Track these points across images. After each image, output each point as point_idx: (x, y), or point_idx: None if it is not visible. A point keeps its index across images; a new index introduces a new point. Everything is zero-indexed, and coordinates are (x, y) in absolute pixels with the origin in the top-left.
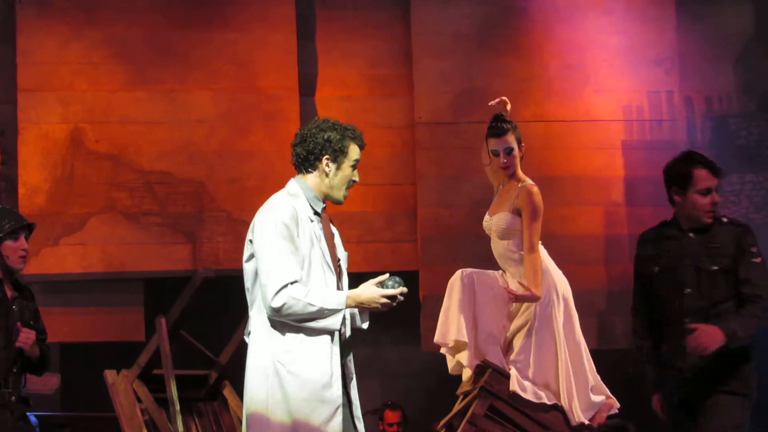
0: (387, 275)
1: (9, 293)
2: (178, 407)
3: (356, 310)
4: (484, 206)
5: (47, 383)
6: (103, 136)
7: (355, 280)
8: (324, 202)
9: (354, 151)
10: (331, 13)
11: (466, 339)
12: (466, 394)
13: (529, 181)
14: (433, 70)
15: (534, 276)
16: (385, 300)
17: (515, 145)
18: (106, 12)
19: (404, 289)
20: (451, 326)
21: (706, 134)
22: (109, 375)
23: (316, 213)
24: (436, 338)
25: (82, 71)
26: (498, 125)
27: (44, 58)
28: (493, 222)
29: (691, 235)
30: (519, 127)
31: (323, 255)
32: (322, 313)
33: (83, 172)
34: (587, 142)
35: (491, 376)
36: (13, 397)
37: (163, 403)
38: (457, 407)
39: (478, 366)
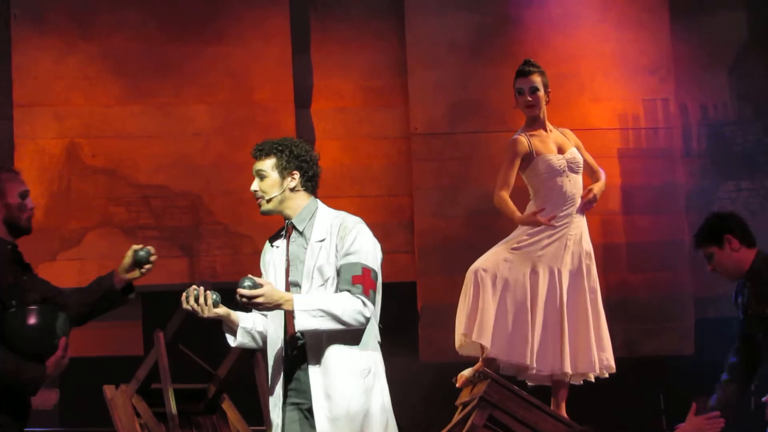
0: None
1: None
2: (177, 421)
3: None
4: (482, 216)
5: (46, 399)
6: (99, 150)
7: None
8: (288, 220)
9: None
10: (326, 24)
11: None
12: (465, 405)
13: None
14: (428, 80)
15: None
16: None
17: (540, 87)
18: (101, 26)
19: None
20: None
21: (702, 142)
22: (108, 390)
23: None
24: (475, 338)
25: (78, 86)
26: (524, 67)
27: (39, 73)
28: (574, 156)
29: None
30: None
31: (275, 280)
32: None
33: (80, 187)
34: None
35: (490, 386)
36: None
37: (162, 417)
38: (456, 418)
39: (477, 375)
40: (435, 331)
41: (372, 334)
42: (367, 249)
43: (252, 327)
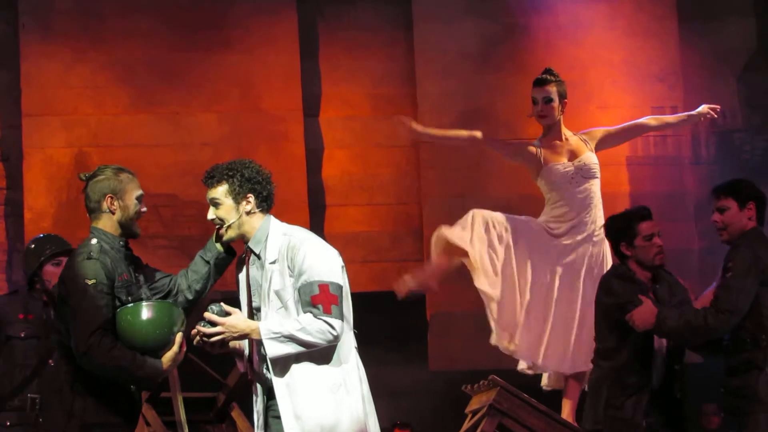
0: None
1: (53, 315)
2: (186, 430)
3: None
4: None
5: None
6: (107, 159)
7: (360, 300)
8: (246, 244)
9: None
10: (334, 33)
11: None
12: (474, 413)
13: None
14: (436, 89)
15: None
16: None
17: (555, 97)
18: (110, 35)
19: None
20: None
21: (711, 149)
22: None
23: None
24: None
25: (86, 95)
26: (541, 76)
27: (48, 82)
28: (584, 162)
29: None
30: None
31: (241, 306)
32: None
33: None
34: None
35: (500, 394)
36: (8, 422)
37: (172, 426)
38: (466, 426)
39: (486, 383)
40: (444, 339)
41: (344, 345)
42: (318, 264)
43: None
